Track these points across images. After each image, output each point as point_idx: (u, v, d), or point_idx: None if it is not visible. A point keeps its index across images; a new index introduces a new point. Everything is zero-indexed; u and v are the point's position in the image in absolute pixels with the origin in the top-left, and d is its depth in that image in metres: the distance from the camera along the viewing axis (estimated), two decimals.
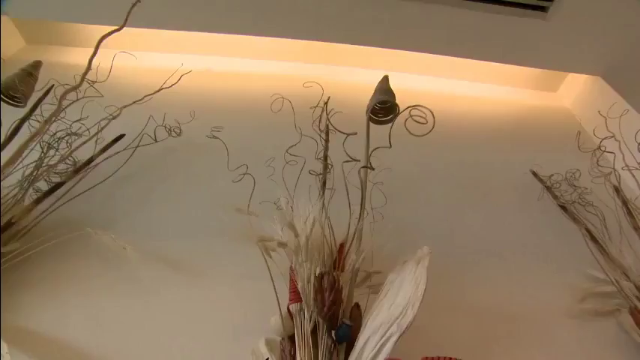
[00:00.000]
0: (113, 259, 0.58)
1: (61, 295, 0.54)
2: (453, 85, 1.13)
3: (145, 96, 0.76)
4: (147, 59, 1.06)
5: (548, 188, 0.74)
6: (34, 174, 0.61)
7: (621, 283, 0.56)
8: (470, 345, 0.53)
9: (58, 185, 0.60)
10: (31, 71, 0.67)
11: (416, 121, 0.43)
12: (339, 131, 0.56)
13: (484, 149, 0.91)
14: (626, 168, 0.68)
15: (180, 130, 0.75)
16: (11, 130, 0.59)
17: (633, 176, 0.68)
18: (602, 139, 0.69)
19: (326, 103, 0.63)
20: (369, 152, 0.53)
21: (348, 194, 0.54)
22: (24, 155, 0.60)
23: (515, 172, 0.83)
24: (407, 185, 0.76)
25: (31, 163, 0.62)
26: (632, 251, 0.60)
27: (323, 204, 0.54)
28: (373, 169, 0.52)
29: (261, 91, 0.73)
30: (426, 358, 0.39)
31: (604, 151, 0.68)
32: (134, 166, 0.71)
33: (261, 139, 0.80)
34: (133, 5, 0.66)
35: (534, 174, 0.79)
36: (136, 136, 0.74)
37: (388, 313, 0.44)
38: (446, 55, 0.99)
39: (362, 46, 0.98)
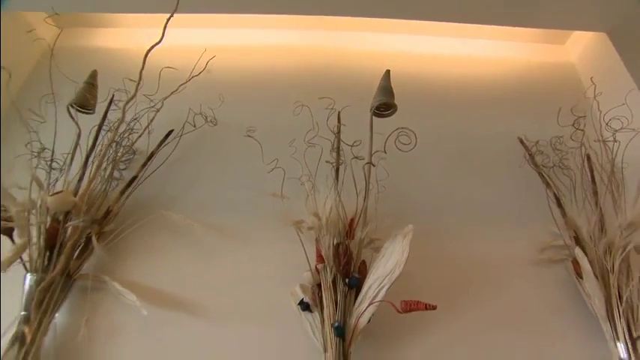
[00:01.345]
0: (181, 232, 0.83)
1: (149, 259, 0.80)
2: (453, 44, 1.22)
3: (179, 85, 0.94)
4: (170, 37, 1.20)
5: (531, 156, 0.92)
6: (111, 169, 0.84)
7: (571, 239, 0.77)
8: (446, 289, 0.77)
9: (134, 178, 0.82)
10: (92, 82, 0.86)
11: (401, 145, 0.62)
12: (345, 143, 0.75)
13: (481, 114, 1.06)
14: (598, 140, 0.85)
15: (216, 120, 0.94)
16: (93, 135, 0.81)
17: (604, 146, 0.85)
18: (578, 117, 0.84)
19: (339, 113, 0.80)
20: (371, 152, 0.72)
21: (355, 183, 0.74)
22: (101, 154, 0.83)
23: (508, 138, 1.00)
24: (407, 156, 0.94)
25: (105, 158, 0.84)
26: (585, 213, 0.79)
27: (337, 189, 0.75)
28: (374, 165, 0.72)
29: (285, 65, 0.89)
30: (403, 301, 0.63)
31: (578, 128, 0.84)
32: (178, 152, 0.93)
33: (284, 122, 0.97)
34: (168, 19, 0.82)
35: (521, 141, 0.96)
36: (174, 121, 0.94)
37: (383, 269, 0.67)
38: (444, 21, 1.07)
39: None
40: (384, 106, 0.78)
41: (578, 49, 1.22)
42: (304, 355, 0.70)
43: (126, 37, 1.21)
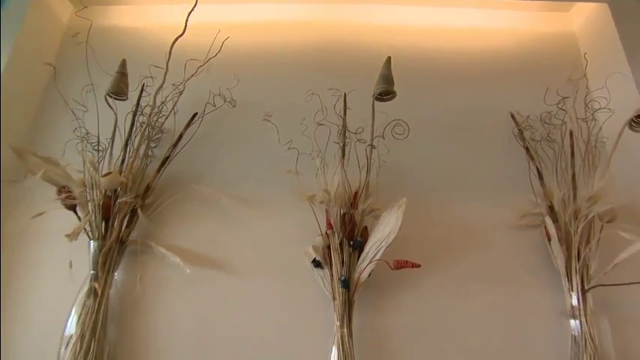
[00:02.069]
0: (210, 203, 0.99)
1: (185, 226, 0.98)
2: (457, 15, 1.27)
3: (197, 68, 1.06)
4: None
5: (520, 131, 1.03)
6: (145, 148, 0.99)
7: (546, 208, 0.91)
8: (436, 249, 0.94)
9: (167, 157, 0.98)
10: (123, 71, 0.99)
11: (396, 134, 0.75)
12: (350, 131, 0.89)
13: (477, 88, 1.14)
14: (579, 119, 0.96)
15: (235, 101, 1.06)
16: (127, 119, 0.96)
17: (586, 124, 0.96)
18: (561, 99, 0.95)
19: (345, 96, 0.93)
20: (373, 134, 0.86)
21: (358, 161, 0.89)
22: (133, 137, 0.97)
23: (502, 113, 1.10)
24: (412, 131, 1.06)
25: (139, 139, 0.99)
26: (564, 185, 0.93)
27: (343, 167, 0.90)
28: (375, 147, 0.86)
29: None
30: (396, 260, 0.79)
31: (561, 108, 0.95)
32: (201, 131, 1.06)
33: (297, 101, 1.08)
34: (190, 12, 0.93)
35: (512, 116, 1.07)
36: (195, 101, 1.06)
37: (381, 234, 0.83)
38: None
39: None
40: (385, 92, 0.90)
41: (580, 18, 1.27)
42: (316, 303, 0.89)
43: (146, 13, 1.30)
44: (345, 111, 0.94)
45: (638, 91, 0.98)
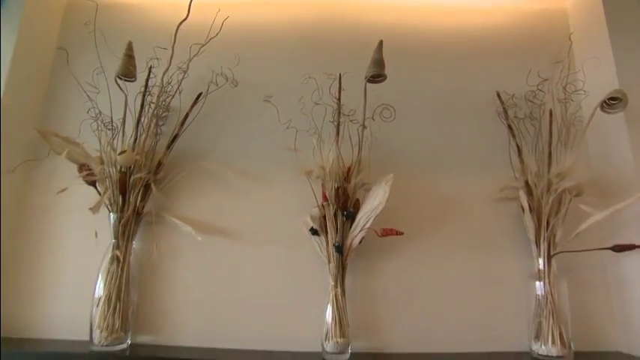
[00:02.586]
0: (216, 177, 1.10)
1: (194, 198, 1.09)
2: None
3: (199, 48, 1.12)
4: None
5: (504, 109, 1.11)
6: (154, 126, 1.07)
7: (523, 182, 1.01)
8: (421, 219, 1.05)
9: (176, 136, 1.07)
10: (130, 53, 1.06)
11: (384, 117, 0.84)
12: (344, 114, 0.97)
13: (467, 66, 1.21)
14: (558, 99, 1.04)
15: (236, 81, 1.14)
16: (140, 101, 1.04)
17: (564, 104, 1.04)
18: (543, 80, 1.03)
19: (340, 76, 1.00)
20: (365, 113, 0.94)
21: (351, 140, 0.98)
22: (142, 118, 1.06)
23: (489, 91, 1.17)
24: (399, 110, 1.14)
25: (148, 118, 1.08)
26: (541, 161, 1.02)
27: (337, 145, 0.99)
28: (365, 127, 0.95)
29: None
30: (382, 228, 0.90)
31: (540, 89, 1.03)
32: (204, 109, 1.14)
33: (295, 81, 1.14)
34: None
35: (498, 95, 1.14)
36: (197, 80, 1.14)
37: (371, 205, 0.94)
38: None
39: None
40: (376, 75, 0.98)
41: None
42: (313, 266, 1.02)
43: None
44: (339, 92, 1.02)
45: (617, 72, 1.06)
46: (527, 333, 0.96)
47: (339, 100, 1.01)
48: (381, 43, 0.99)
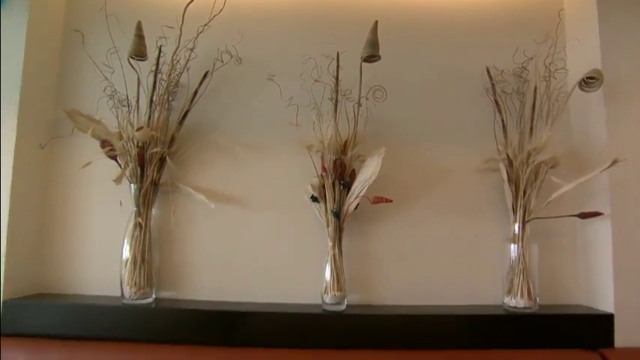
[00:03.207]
0: (225, 150, 1.20)
1: (205, 169, 1.20)
2: None
3: (203, 26, 1.18)
4: None
5: (493, 85, 1.19)
6: (166, 102, 1.17)
7: (505, 154, 1.12)
8: (412, 187, 1.17)
9: (187, 112, 1.16)
10: (140, 34, 1.13)
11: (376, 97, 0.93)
12: (341, 94, 1.06)
13: (460, 43, 1.26)
14: (543, 77, 1.12)
15: (240, 59, 1.21)
16: (152, 80, 1.13)
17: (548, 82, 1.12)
18: (527, 59, 1.10)
19: (338, 55, 1.08)
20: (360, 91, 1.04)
21: (347, 117, 1.08)
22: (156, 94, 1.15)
23: (480, 67, 1.24)
24: (390, 86, 1.21)
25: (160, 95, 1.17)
26: (523, 135, 1.12)
27: (335, 120, 1.09)
28: (361, 105, 1.04)
29: None
30: (374, 196, 1.02)
31: (525, 67, 1.11)
32: (210, 86, 1.23)
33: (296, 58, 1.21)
34: None
35: (487, 71, 1.21)
36: (203, 57, 1.21)
37: (365, 175, 1.06)
38: None
39: None
40: (371, 56, 1.05)
41: None
42: (314, 230, 1.15)
43: None
44: (337, 71, 1.10)
45: (601, 52, 1.12)
46: (501, 289, 1.10)
47: (337, 79, 1.09)
48: (375, 24, 1.06)
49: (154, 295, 1.11)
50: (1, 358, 0.99)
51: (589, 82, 1.05)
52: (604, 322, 1.05)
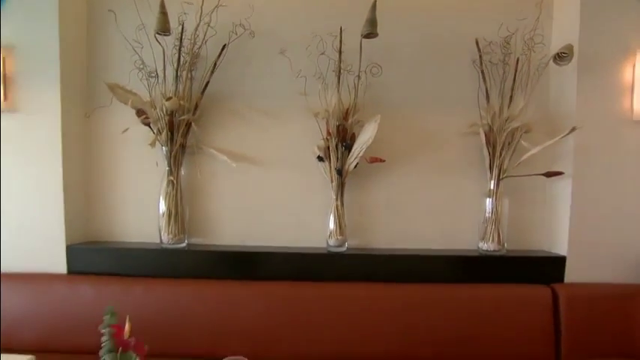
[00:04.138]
0: (242, 115, 1.38)
1: (225, 133, 1.38)
2: None
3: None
4: None
5: (480, 56, 1.33)
6: (189, 73, 1.33)
7: (487, 119, 1.29)
8: (403, 149, 1.35)
9: (208, 83, 1.32)
10: (164, 11, 1.26)
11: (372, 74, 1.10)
12: (344, 70, 1.22)
13: (452, 16, 1.37)
14: (523, 49, 1.26)
15: (254, 33, 1.34)
16: (177, 54, 1.28)
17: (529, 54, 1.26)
18: (509, 34, 1.24)
19: (341, 37, 1.23)
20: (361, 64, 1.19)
21: (348, 87, 1.24)
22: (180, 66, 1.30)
23: (470, 39, 1.37)
24: (389, 60, 1.35)
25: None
26: (503, 102, 1.28)
27: (338, 90, 1.25)
28: (360, 77, 1.21)
29: None
30: (370, 156, 1.22)
31: (507, 42, 1.25)
32: (227, 57, 1.37)
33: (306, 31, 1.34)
34: None
35: (476, 42, 1.34)
36: (219, 29, 1.34)
37: (363, 138, 1.24)
38: None
39: None
40: (370, 33, 1.20)
41: None
42: (319, 185, 1.35)
43: None
44: (340, 45, 1.25)
45: (579, 30, 1.24)
46: (477, 235, 1.32)
47: (340, 53, 1.24)
48: (374, 3, 1.19)
49: (186, 241, 1.34)
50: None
51: (562, 56, 1.19)
52: (557, 263, 1.28)
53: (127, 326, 0.58)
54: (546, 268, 1.28)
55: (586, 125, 1.23)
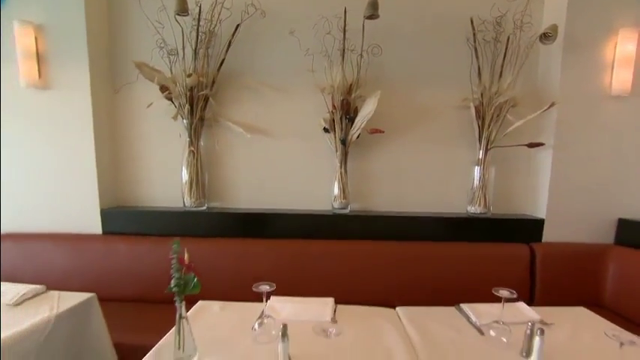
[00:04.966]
0: (254, 90, 1.51)
1: (239, 106, 1.51)
2: None
3: None
4: None
5: (474, 34, 1.44)
6: (206, 51, 1.45)
7: (478, 94, 1.41)
8: (401, 121, 1.48)
9: (224, 60, 1.45)
10: None
11: (373, 54, 1.22)
12: (348, 50, 1.33)
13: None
14: (513, 28, 1.37)
15: (265, 12, 1.46)
16: (195, 33, 1.40)
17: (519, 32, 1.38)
18: (499, 15, 1.35)
19: (345, 18, 1.34)
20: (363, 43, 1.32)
21: (352, 65, 1.37)
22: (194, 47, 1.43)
23: (465, 18, 1.48)
24: (389, 39, 1.48)
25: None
26: (494, 78, 1.40)
27: (342, 67, 1.38)
28: (362, 56, 1.33)
29: None
30: (371, 128, 1.36)
31: (499, 22, 1.36)
32: (239, 36, 1.49)
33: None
34: None
35: (471, 21, 1.45)
36: (232, 9, 1.47)
37: (365, 112, 1.38)
38: None
39: None
40: (372, 15, 1.31)
41: None
42: (326, 153, 1.49)
43: None
44: (344, 24, 1.36)
45: (567, 11, 1.34)
46: (466, 200, 1.48)
47: (344, 32, 1.36)
48: None
49: (206, 204, 1.51)
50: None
51: (548, 36, 1.31)
52: (537, 225, 1.44)
53: (186, 255, 0.76)
54: (526, 229, 1.45)
55: (568, 100, 1.37)
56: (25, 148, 1.47)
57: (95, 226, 1.49)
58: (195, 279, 0.73)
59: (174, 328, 0.73)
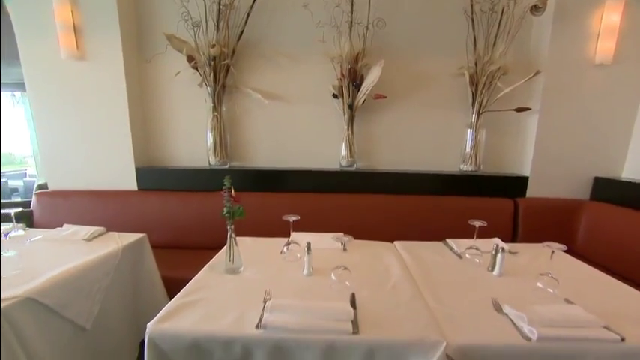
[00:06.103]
0: (271, 59, 1.67)
1: (257, 74, 1.68)
2: None
3: None
4: None
5: (472, 5, 1.58)
6: (226, 23, 1.62)
7: (472, 62, 1.58)
8: (402, 87, 1.64)
9: (242, 32, 1.61)
10: None
11: (377, 28, 1.39)
12: (356, 22, 1.49)
13: None
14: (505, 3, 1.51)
15: None
16: (217, 6, 1.56)
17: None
18: None
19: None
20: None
21: (359, 35, 1.53)
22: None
23: None
24: (395, 7, 1.63)
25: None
26: (487, 48, 1.56)
27: (350, 38, 1.54)
28: (368, 28, 1.50)
29: None
30: (375, 94, 1.54)
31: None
32: (256, 7, 1.65)
33: None
34: None
35: None
36: None
37: (370, 79, 1.56)
38: None
39: None
40: None
41: None
42: (335, 117, 1.67)
43: None
44: (352, 0, 1.52)
45: None
46: (459, 159, 1.68)
47: (352, 4, 1.51)
48: None
49: (229, 163, 1.72)
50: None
51: (538, 7, 1.46)
52: (521, 182, 1.64)
53: (232, 190, 0.97)
54: (512, 186, 1.64)
55: (555, 68, 1.53)
56: (69, 116, 1.66)
57: (131, 183, 1.71)
58: (241, 208, 0.93)
59: (225, 247, 0.96)
